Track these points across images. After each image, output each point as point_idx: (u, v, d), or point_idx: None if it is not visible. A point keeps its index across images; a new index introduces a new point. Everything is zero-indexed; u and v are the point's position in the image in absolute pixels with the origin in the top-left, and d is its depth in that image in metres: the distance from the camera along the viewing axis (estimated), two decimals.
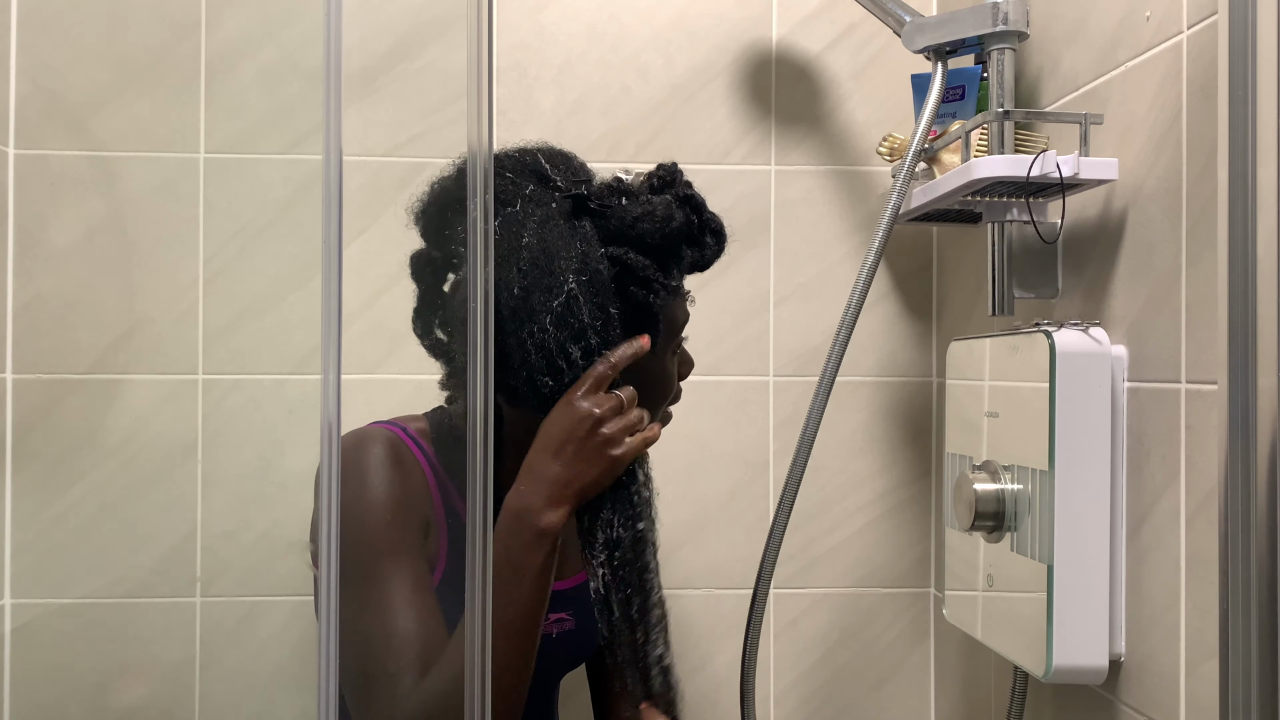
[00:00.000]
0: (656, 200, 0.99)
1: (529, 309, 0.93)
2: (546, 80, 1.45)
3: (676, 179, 1.03)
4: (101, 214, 1.38)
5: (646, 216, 0.97)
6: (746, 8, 1.46)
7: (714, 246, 1.05)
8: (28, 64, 1.36)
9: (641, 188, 1.03)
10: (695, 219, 1.02)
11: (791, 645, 1.48)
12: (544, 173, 1.01)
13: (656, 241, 0.98)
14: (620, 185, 1.01)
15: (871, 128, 1.47)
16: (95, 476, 1.37)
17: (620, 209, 0.98)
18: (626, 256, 0.97)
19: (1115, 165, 1.00)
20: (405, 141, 1.42)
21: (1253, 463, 0.62)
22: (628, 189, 1.02)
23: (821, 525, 1.48)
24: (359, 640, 0.91)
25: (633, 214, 0.98)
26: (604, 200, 0.99)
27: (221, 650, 1.39)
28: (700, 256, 1.04)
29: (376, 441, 0.99)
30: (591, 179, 1.03)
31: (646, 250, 0.98)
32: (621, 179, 1.03)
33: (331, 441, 0.64)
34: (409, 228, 1.09)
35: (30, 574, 1.37)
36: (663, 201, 0.99)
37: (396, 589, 0.93)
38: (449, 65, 1.41)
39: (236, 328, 1.39)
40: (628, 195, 1.00)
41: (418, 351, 1.42)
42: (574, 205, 0.99)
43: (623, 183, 1.02)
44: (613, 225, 0.98)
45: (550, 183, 1.00)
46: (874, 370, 1.48)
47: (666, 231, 0.98)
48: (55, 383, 1.37)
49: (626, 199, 0.99)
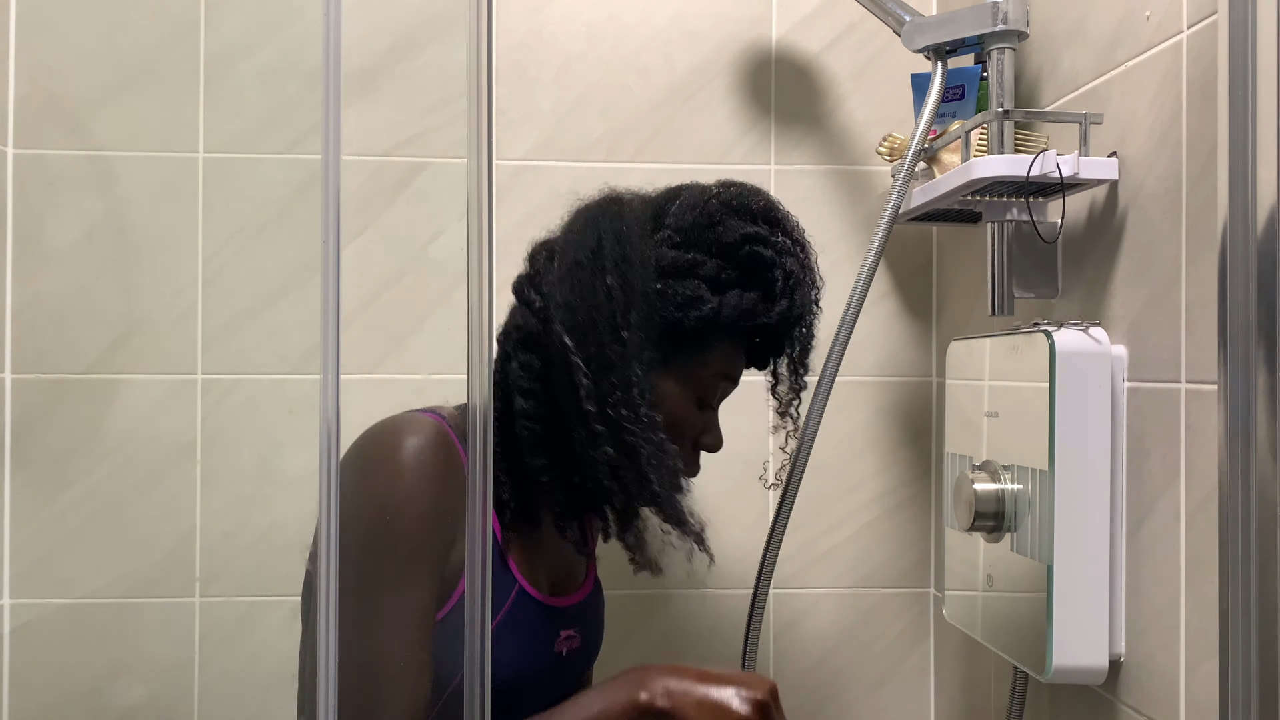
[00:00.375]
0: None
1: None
2: (546, 80, 1.45)
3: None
4: (100, 214, 1.38)
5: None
6: (746, 8, 1.46)
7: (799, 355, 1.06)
8: (27, 64, 1.36)
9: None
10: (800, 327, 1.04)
11: (791, 645, 1.48)
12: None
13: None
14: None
15: (871, 127, 1.46)
16: (95, 476, 1.37)
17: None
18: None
19: (1115, 165, 1.00)
20: (405, 141, 1.42)
21: (1253, 463, 0.62)
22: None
23: (821, 525, 1.48)
24: (354, 659, 0.86)
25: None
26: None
27: (221, 650, 1.39)
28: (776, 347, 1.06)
29: (421, 432, 0.91)
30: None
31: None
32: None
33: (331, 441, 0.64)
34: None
35: (30, 574, 1.36)
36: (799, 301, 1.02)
37: (400, 614, 0.88)
38: (448, 65, 1.41)
39: (235, 327, 1.39)
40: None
41: (417, 351, 1.42)
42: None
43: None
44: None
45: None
46: (874, 370, 1.48)
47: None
48: (55, 383, 1.37)
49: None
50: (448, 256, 1.41)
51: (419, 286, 1.42)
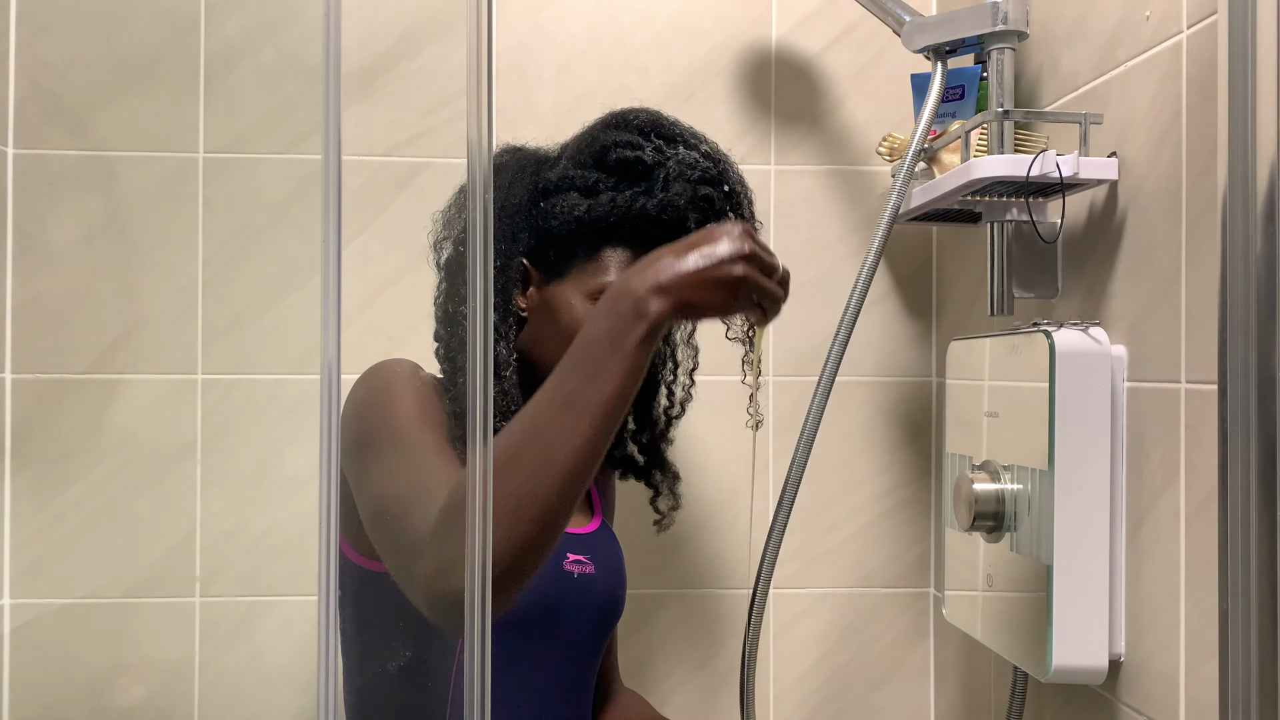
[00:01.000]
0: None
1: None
2: (546, 80, 1.45)
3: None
4: (101, 214, 1.38)
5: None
6: (746, 8, 1.46)
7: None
8: (27, 64, 1.36)
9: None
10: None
11: (791, 645, 1.48)
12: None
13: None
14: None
15: (871, 127, 1.46)
16: (95, 476, 1.37)
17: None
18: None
19: (1115, 165, 1.00)
20: (405, 141, 1.42)
21: (1253, 463, 0.62)
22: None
23: (821, 525, 1.48)
24: (389, 493, 0.90)
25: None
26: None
27: (221, 650, 1.39)
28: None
29: (400, 361, 1.01)
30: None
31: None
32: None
33: (331, 441, 0.64)
34: (444, 239, 1.11)
35: (30, 574, 1.36)
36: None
37: (427, 445, 0.92)
38: (448, 65, 1.41)
39: (236, 327, 1.39)
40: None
41: (417, 351, 1.42)
42: None
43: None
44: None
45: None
46: (874, 370, 1.48)
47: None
48: (55, 383, 1.37)
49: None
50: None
51: (419, 286, 1.41)
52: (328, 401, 0.63)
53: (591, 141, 1.06)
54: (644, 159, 1.03)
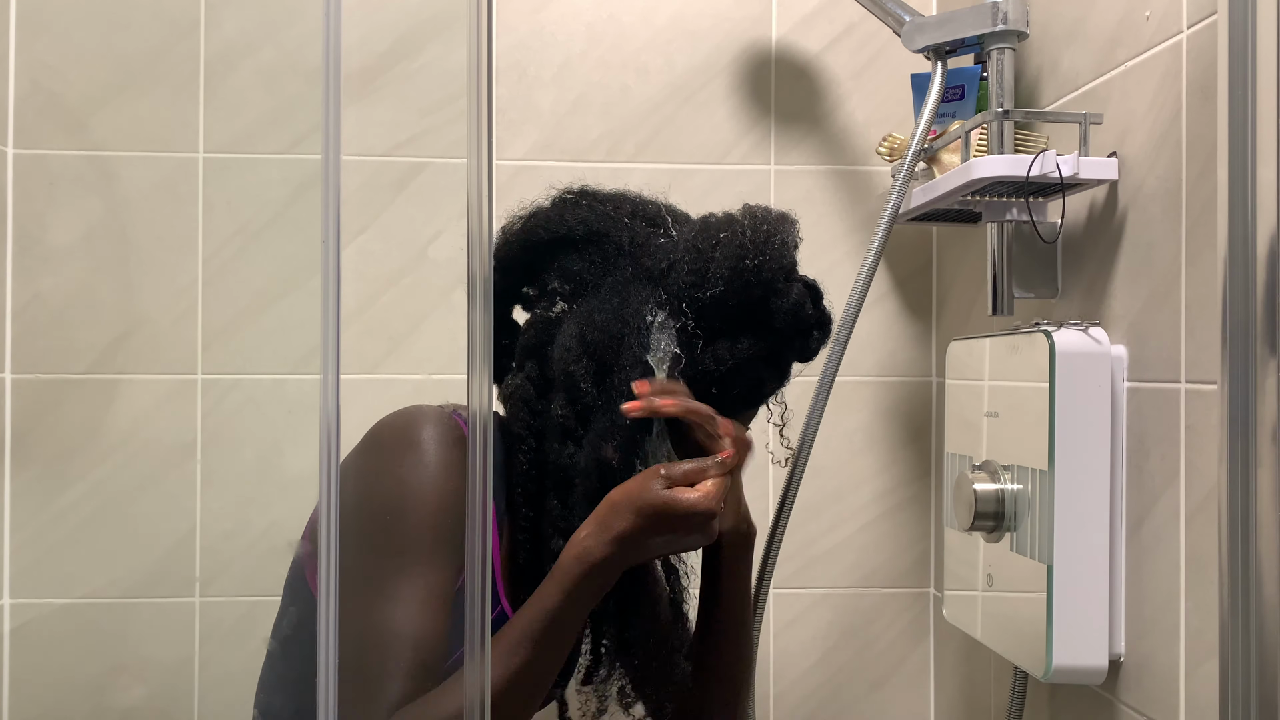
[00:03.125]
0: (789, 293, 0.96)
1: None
2: (546, 80, 1.45)
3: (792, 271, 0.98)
4: (100, 214, 1.38)
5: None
6: (746, 8, 1.46)
7: (819, 340, 1.02)
8: (27, 64, 1.36)
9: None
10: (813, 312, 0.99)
11: (791, 645, 1.48)
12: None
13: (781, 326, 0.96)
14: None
15: (871, 127, 1.46)
16: (95, 476, 1.37)
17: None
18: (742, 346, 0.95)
19: (1115, 165, 1.00)
20: (404, 141, 1.42)
21: (1252, 463, 0.62)
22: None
23: (821, 525, 1.48)
24: (366, 633, 0.87)
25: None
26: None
27: (220, 650, 1.39)
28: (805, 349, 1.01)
29: (435, 422, 0.91)
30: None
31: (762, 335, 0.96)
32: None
33: (331, 441, 0.64)
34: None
35: (30, 574, 1.36)
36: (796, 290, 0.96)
37: (418, 589, 0.88)
38: (448, 65, 1.41)
39: (235, 327, 1.39)
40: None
41: (417, 351, 1.42)
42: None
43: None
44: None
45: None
46: (874, 370, 1.48)
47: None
48: (54, 383, 1.36)
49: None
50: (448, 256, 1.41)
51: (419, 286, 1.42)
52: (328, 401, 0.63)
53: (754, 296, 0.95)
54: (808, 313, 0.98)
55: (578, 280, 0.97)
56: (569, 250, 0.98)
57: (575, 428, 0.94)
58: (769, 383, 0.98)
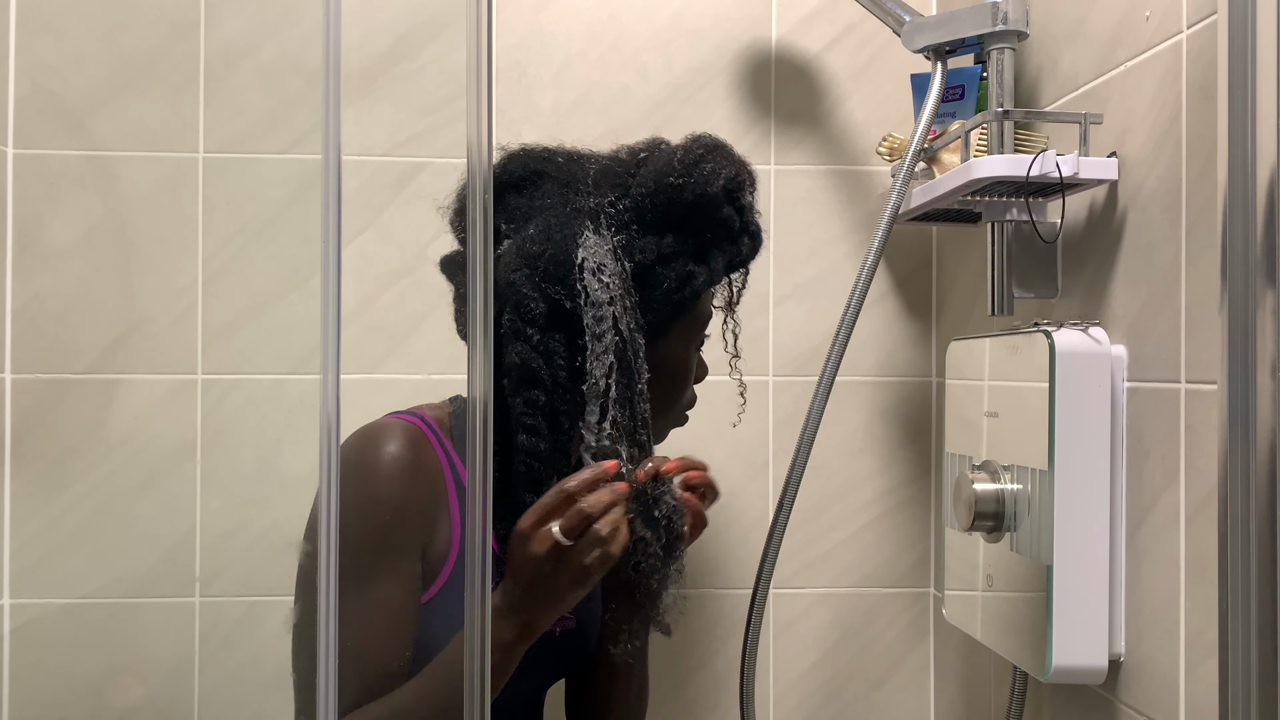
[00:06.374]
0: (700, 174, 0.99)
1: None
2: (546, 80, 1.45)
3: (718, 153, 1.02)
4: (100, 214, 1.38)
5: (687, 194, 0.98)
6: (746, 7, 1.46)
7: (750, 246, 1.05)
8: (27, 64, 1.36)
9: (673, 156, 1.01)
10: (736, 216, 1.02)
11: (791, 645, 1.48)
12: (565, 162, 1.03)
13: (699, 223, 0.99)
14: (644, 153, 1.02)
15: (871, 127, 1.47)
16: (95, 476, 1.37)
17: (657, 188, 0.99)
18: (663, 244, 0.98)
19: (1115, 165, 1.00)
20: (404, 141, 1.42)
21: (1252, 463, 0.62)
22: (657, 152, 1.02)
23: (821, 525, 1.48)
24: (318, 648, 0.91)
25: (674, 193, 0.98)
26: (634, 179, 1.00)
27: (220, 650, 1.39)
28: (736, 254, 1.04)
29: (392, 436, 0.96)
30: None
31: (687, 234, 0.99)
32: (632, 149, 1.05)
33: (331, 441, 0.64)
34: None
35: (30, 574, 1.36)
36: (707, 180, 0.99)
37: (375, 600, 0.93)
38: (448, 65, 1.41)
39: (236, 327, 1.39)
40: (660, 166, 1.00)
41: (417, 351, 1.42)
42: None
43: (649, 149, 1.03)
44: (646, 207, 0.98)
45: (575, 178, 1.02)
46: (874, 370, 1.48)
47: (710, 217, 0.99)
48: (54, 383, 1.37)
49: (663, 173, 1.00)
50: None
51: (419, 286, 1.42)
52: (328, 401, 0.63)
53: (683, 202, 0.99)
54: (733, 221, 1.02)
55: (519, 214, 1.01)
56: (510, 192, 1.03)
57: (524, 330, 0.96)
58: (698, 277, 1.00)
